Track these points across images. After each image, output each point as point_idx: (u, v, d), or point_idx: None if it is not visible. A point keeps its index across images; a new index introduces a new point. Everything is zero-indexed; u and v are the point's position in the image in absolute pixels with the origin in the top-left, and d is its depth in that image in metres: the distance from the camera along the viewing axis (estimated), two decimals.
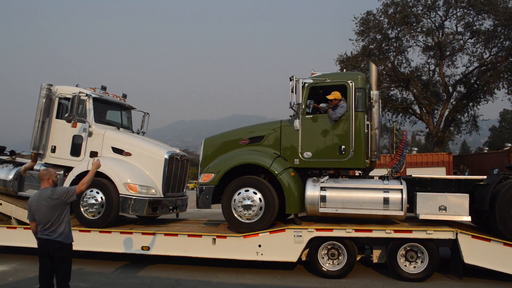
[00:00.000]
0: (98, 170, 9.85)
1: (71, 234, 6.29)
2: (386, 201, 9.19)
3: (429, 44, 34.74)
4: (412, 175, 9.94)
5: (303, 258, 9.39)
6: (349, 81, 9.54)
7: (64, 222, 6.11)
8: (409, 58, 36.91)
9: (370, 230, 9.02)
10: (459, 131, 37.77)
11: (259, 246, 9.31)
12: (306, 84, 9.69)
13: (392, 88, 37.20)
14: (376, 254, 9.34)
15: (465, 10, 32.98)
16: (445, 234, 8.73)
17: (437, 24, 34.57)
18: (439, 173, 24.80)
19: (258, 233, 9.36)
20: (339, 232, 9.08)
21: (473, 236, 8.62)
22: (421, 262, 8.93)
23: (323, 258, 9.26)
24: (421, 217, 8.99)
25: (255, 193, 9.51)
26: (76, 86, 11.65)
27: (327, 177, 9.61)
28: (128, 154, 10.98)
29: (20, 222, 11.17)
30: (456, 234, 8.63)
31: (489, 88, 32.82)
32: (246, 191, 9.56)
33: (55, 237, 6.02)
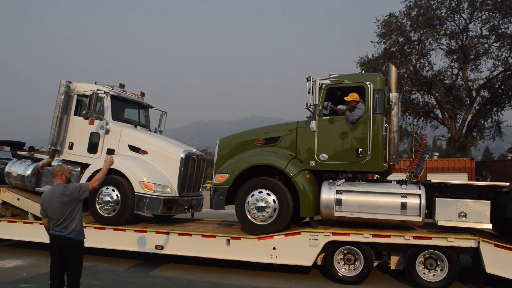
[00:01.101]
0: (114, 167, 9.90)
1: (83, 231, 6.26)
2: (403, 206, 8.93)
3: (453, 48, 34.08)
4: (432, 180, 9.67)
5: (319, 263, 9.20)
6: (367, 83, 9.32)
7: (76, 219, 6.07)
8: (432, 62, 36.28)
9: (388, 236, 8.78)
10: (482, 137, 36.94)
11: (274, 248, 9.16)
12: (324, 85, 9.50)
13: (413, 92, 36.58)
14: (393, 261, 9.08)
15: (491, 13, 32.25)
16: (467, 242, 8.42)
17: (461, 27, 33.90)
18: (461, 179, 24.29)
19: (273, 236, 9.21)
20: (356, 236, 8.86)
21: (496, 245, 8.30)
22: (441, 270, 8.64)
23: (339, 263, 9.05)
24: (440, 223, 8.71)
25: (269, 194, 9.37)
26: (95, 83, 11.67)
27: (343, 180, 9.40)
28: (145, 152, 10.94)
29: (36, 218, 11.24)
30: (478, 242, 8.32)
31: None
32: (260, 192, 9.42)
33: (67, 234, 5.99)
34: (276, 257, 9.16)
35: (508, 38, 31.62)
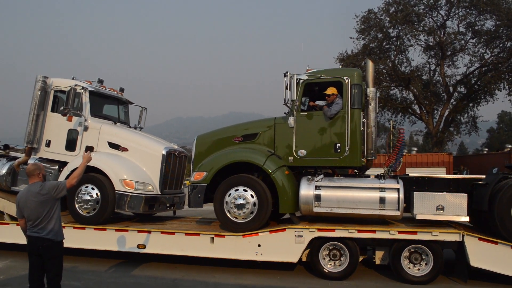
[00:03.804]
0: (94, 165, 9.63)
1: (61, 231, 6.03)
2: (382, 200, 8.95)
3: (430, 44, 34.54)
4: (409, 174, 9.71)
5: (304, 259, 9.15)
6: (345, 78, 9.29)
7: (54, 219, 5.84)
8: (410, 58, 36.80)
9: (374, 231, 8.77)
10: (459, 132, 37.65)
11: (259, 245, 9.07)
12: (301, 81, 9.44)
13: (392, 88, 36.98)
14: (378, 256, 9.12)
15: (468, 10, 32.78)
16: (451, 236, 8.48)
17: (438, 24, 34.36)
18: (439, 173, 24.61)
19: (257, 233, 9.12)
20: (341, 232, 8.83)
21: (480, 239, 8.37)
22: (426, 264, 8.68)
23: (324, 259, 9.02)
24: (418, 217, 8.76)
25: (245, 190, 9.28)
26: (72, 79, 11.35)
27: (322, 176, 9.36)
28: (125, 149, 10.69)
29: (12, 218, 10.88)
30: (463, 236, 8.39)
31: (489, 89, 32.63)
32: (237, 190, 9.33)
33: (45, 235, 5.76)
34: (261, 254, 9.07)
35: (484, 35, 32.17)
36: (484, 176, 9.32)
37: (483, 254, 8.32)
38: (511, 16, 29.97)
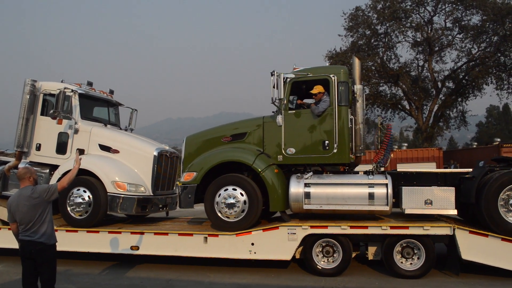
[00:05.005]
0: (85, 168, 9.60)
1: (54, 234, 6.01)
2: (371, 196, 9.00)
3: (418, 40, 34.81)
4: (397, 169, 9.79)
5: (297, 256, 9.19)
6: (331, 75, 9.33)
7: (46, 222, 5.82)
8: (398, 54, 37.06)
9: (366, 227, 8.84)
10: (448, 127, 37.97)
11: (252, 244, 9.10)
12: (288, 79, 9.47)
13: (381, 84, 37.18)
14: (371, 251, 9.17)
15: (454, 6, 33.05)
16: (442, 230, 8.57)
17: (426, 20, 34.65)
18: (430, 168, 24.81)
19: (251, 231, 9.15)
20: (334, 229, 8.88)
21: (470, 232, 8.46)
22: (418, 258, 8.77)
23: (317, 255, 9.07)
24: (407, 211, 8.84)
25: (235, 189, 9.31)
26: (62, 82, 11.30)
27: (311, 173, 9.41)
28: (116, 151, 10.67)
29: (4, 223, 10.80)
30: (454, 229, 8.47)
31: (477, 83, 32.99)
32: (226, 190, 9.35)
33: (37, 238, 5.74)
34: (254, 252, 9.10)
35: (471, 30, 32.47)
36: (471, 170, 9.44)
37: (474, 247, 8.42)
38: (497, 11, 30.29)
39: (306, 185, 9.24)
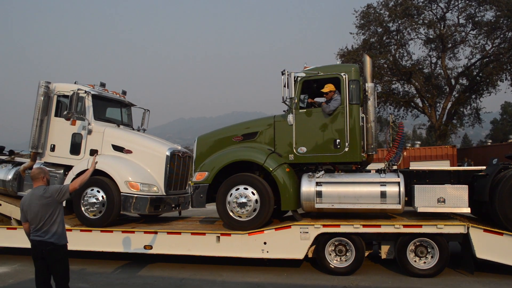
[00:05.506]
0: (99, 168, 9.70)
1: (65, 235, 6.05)
2: (383, 194, 8.95)
3: (431, 37, 34.48)
4: (410, 168, 9.72)
5: (310, 255, 9.17)
6: (342, 74, 9.30)
7: (57, 222, 5.87)
8: (411, 51, 36.81)
9: (379, 225, 8.79)
10: (462, 124, 37.56)
11: (264, 243, 9.11)
12: (299, 78, 9.45)
13: (393, 82, 36.94)
14: (384, 250, 9.11)
15: (467, 2, 32.69)
16: (456, 228, 8.48)
17: (438, 16, 34.32)
18: (443, 166, 24.60)
19: (263, 230, 9.16)
20: (346, 228, 8.85)
21: (485, 230, 8.37)
22: (431, 257, 8.69)
23: (330, 254, 9.04)
24: (420, 210, 8.77)
25: (246, 188, 9.32)
26: (75, 83, 11.43)
27: (322, 172, 9.39)
28: (129, 151, 10.76)
29: (20, 223, 10.94)
30: (468, 228, 8.39)
31: (492, 80, 32.58)
32: (237, 189, 9.36)
33: (48, 238, 5.78)
34: (267, 251, 9.10)
35: (484, 26, 32.08)
36: (484, 167, 9.33)
37: (489, 246, 8.32)
38: (511, 6, 29.86)
39: (318, 184, 9.22)
